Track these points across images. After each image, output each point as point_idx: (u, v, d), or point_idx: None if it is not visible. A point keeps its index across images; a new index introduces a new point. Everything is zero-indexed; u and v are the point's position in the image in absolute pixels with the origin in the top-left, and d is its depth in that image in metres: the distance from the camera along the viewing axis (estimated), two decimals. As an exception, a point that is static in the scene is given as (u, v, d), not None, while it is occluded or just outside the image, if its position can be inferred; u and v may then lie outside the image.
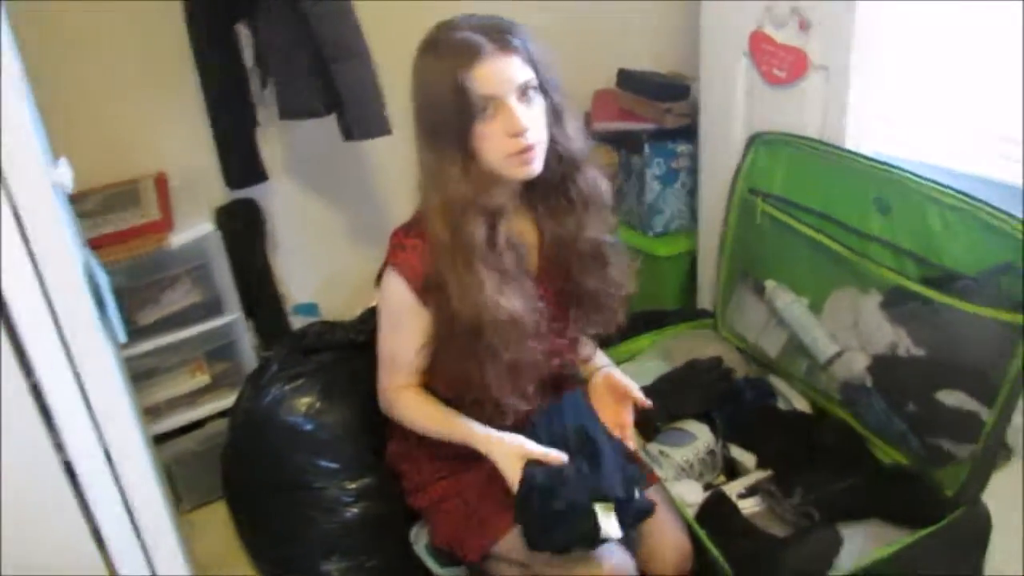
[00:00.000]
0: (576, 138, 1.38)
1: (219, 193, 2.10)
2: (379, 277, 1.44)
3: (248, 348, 2.04)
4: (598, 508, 1.27)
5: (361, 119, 1.90)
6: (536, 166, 1.30)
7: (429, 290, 1.35)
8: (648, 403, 1.46)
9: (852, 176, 1.70)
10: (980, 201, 1.47)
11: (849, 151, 1.74)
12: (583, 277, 1.43)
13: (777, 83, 1.86)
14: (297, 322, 2.26)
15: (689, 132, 2.23)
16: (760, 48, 1.87)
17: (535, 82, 1.28)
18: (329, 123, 1.94)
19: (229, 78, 1.95)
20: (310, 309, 2.32)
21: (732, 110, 2.00)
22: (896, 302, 1.62)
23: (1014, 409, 1.47)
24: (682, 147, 2.27)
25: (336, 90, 1.86)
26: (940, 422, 1.57)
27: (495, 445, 1.36)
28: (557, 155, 1.35)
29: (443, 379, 1.44)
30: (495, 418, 1.39)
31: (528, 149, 1.28)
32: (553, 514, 1.27)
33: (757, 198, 1.89)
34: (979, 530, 1.53)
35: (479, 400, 1.39)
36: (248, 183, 2.05)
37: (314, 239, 2.31)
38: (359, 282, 2.33)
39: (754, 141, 1.92)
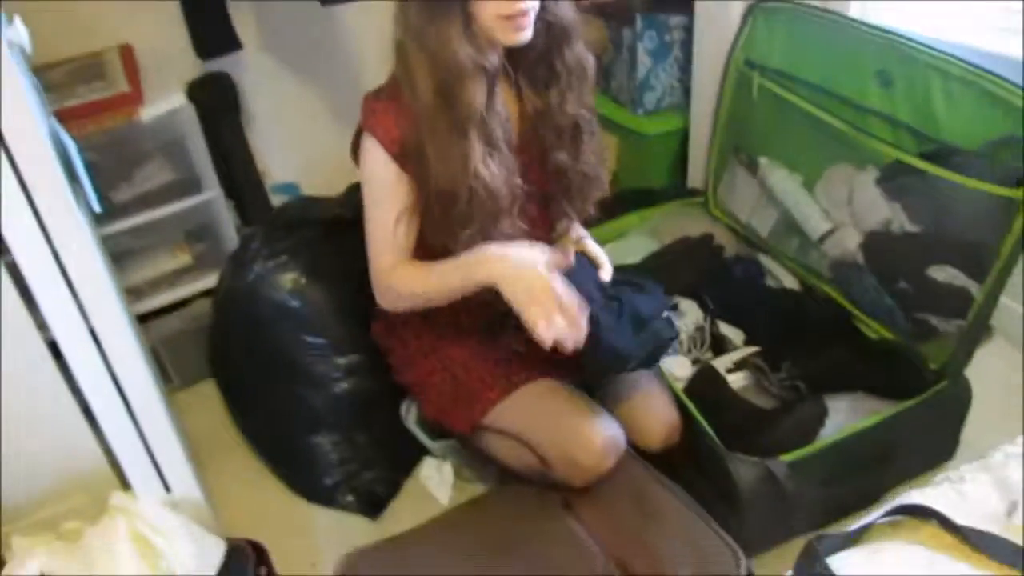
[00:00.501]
0: (567, 9, 1.32)
1: (190, 66, 2.00)
2: (354, 148, 1.39)
3: (230, 228, 1.99)
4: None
5: (340, -16, 1.80)
6: (528, 33, 1.26)
7: (406, 156, 1.30)
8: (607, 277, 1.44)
9: (855, 47, 1.63)
10: (987, 71, 1.42)
11: (853, 20, 1.67)
12: (557, 153, 1.39)
13: (779, -52, 1.77)
14: (278, 201, 2.20)
15: (683, 3, 2.12)
16: (762, -90, 1.77)
17: None
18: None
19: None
20: (290, 189, 2.26)
21: (730, -22, 1.91)
22: (892, 177, 1.59)
23: (1003, 287, 1.47)
24: (676, 19, 2.17)
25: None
26: (929, 298, 1.57)
27: (511, 260, 1.28)
28: (547, 24, 1.30)
29: (420, 258, 1.40)
30: (475, 308, 1.38)
31: (523, 14, 1.23)
32: (644, 336, 1.35)
33: (754, 72, 1.83)
34: (960, 403, 1.55)
35: None
36: (220, 52, 1.96)
37: (292, 115, 2.23)
38: (341, 160, 2.24)
39: (752, 11, 1.84)
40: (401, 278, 1.39)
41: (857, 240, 1.67)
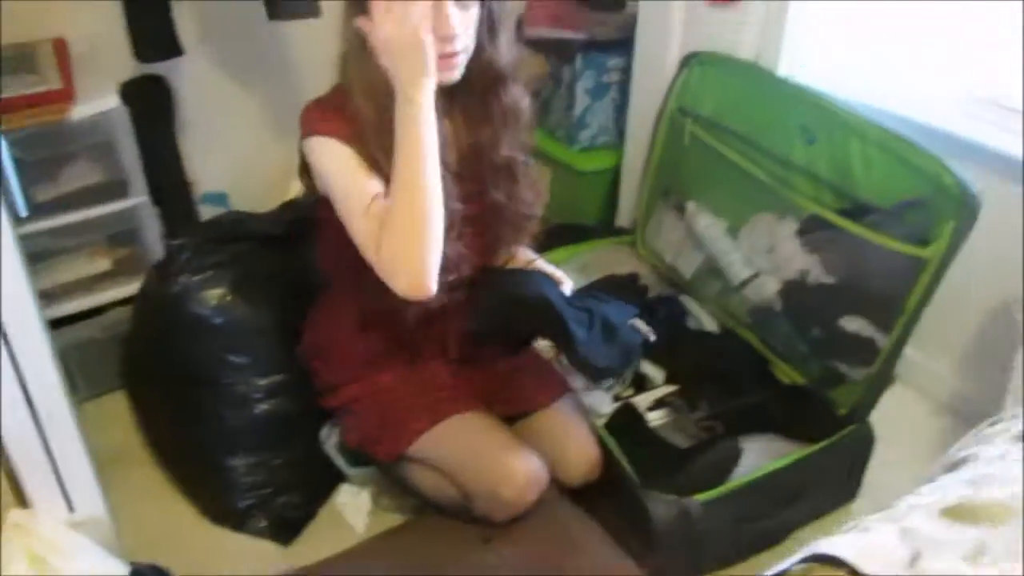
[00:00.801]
0: (507, 52, 1.34)
1: (126, 66, 1.95)
2: (303, 168, 1.37)
3: (154, 236, 1.95)
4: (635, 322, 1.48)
5: (287, -1, 1.80)
6: (456, 73, 1.27)
7: (361, 154, 1.28)
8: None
9: (781, 103, 1.72)
10: (903, 138, 1.51)
11: (781, 77, 1.75)
12: (493, 190, 1.41)
13: (716, 2, 1.85)
14: (206, 212, 2.16)
15: (623, 46, 2.19)
16: (703, -36, 1.85)
17: None
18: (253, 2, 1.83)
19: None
20: (220, 199, 2.22)
21: (669, 27, 1.98)
22: (811, 229, 1.67)
23: (908, 338, 1.56)
24: (614, 61, 2.24)
25: (261, -36, 1.75)
26: (840, 346, 1.65)
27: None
28: (483, 65, 1.31)
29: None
30: (404, 331, 1.41)
31: (452, 55, 1.24)
32: (611, 340, 1.41)
33: (686, 119, 1.90)
34: (864, 445, 1.63)
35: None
36: (161, 57, 1.91)
37: (227, 124, 2.19)
38: (274, 174, 2.24)
39: (689, 60, 1.91)
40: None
41: (776, 288, 1.74)
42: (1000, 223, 1.55)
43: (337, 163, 1.28)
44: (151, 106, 1.99)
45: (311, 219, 1.46)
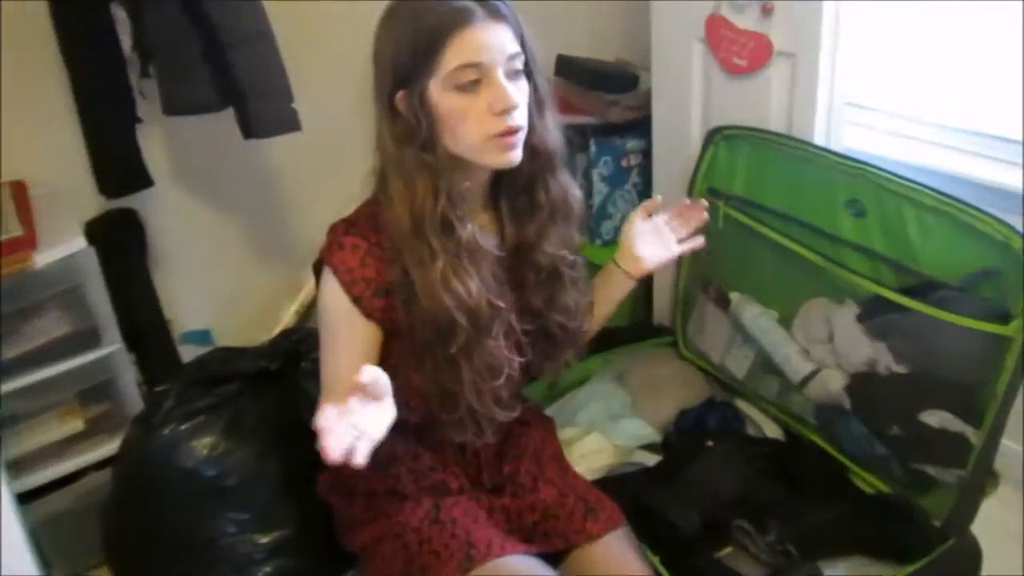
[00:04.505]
0: (555, 133, 1.43)
1: (92, 202, 2.08)
2: (316, 271, 1.46)
3: (131, 386, 2.02)
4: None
5: (264, 114, 1.92)
6: (517, 155, 1.35)
7: (375, 295, 1.38)
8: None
9: (822, 175, 1.80)
10: (960, 201, 1.58)
11: (818, 147, 1.84)
12: (533, 294, 1.49)
13: (738, 72, 1.96)
14: (188, 353, 2.24)
15: (639, 127, 2.31)
16: (718, 33, 1.97)
17: (522, 60, 1.34)
18: (225, 119, 1.96)
19: (103, 67, 1.94)
20: (203, 337, 2.31)
21: (687, 103, 2.09)
22: (874, 313, 1.72)
23: (1003, 430, 1.58)
24: (632, 143, 2.36)
25: (234, 79, 1.88)
26: (924, 445, 1.67)
27: None
28: (532, 149, 1.39)
29: (420, 399, 1.46)
30: (478, 433, 1.46)
31: (515, 131, 1.32)
32: None
33: (718, 200, 1.98)
34: (969, 562, 1.63)
35: (459, 419, 1.43)
36: (128, 190, 2.04)
37: (206, 256, 2.31)
38: (261, 304, 2.34)
39: (713, 137, 2.01)
40: None
41: (842, 382, 1.78)
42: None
43: (329, 309, 1.41)
44: (121, 243, 2.10)
45: (311, 346, 1.53)
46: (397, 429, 1.49)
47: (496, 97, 1.29)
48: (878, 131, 1.96)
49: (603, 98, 2.32)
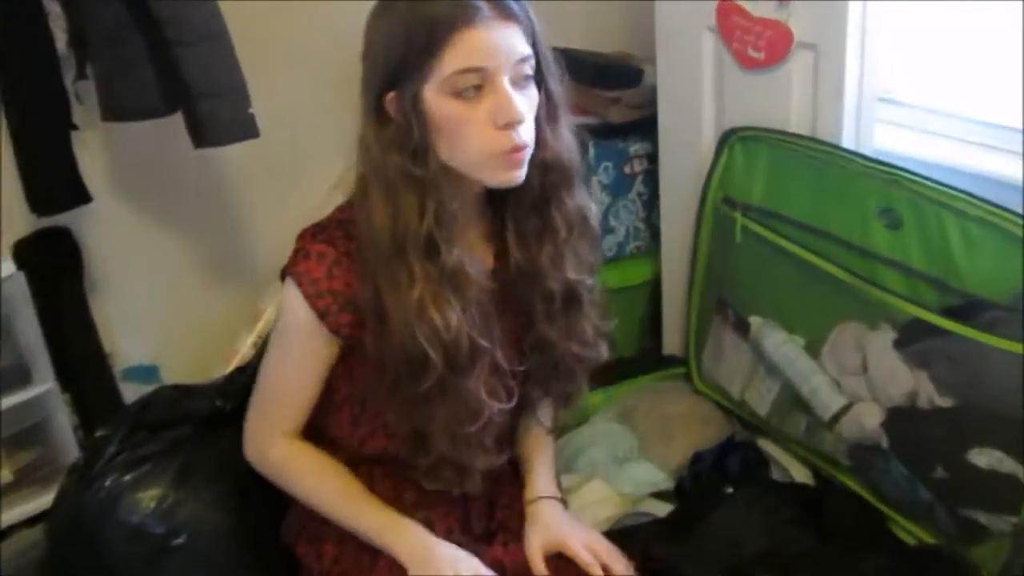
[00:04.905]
0: (570, 143, 1.44)
1: (20, 220, 2.08)
2: (283, 277, 1.48)
3: (66, 430, 2.02)
4: None
5: (217, 118, 1.94)
6: (521, 174, 1.35)
7: (340, 309, 1.39)
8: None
9: (852, 181, 1.80)
10: (1009, 210, 1.59)
11: (846, 150, 1.85)
12: (546, 325, 1.49)
13: (754, 66, 1.97)
14: (130, 391, 2.23)
15: (644, 128, 2.32)
16: (731, 22, 1.98)
17: (534, 64, 1.34)
18: (172, 124, 1.96)
19: (33, 67, 1.95)
20: (148, 373, 2.31)
21: (698, 100, 2.11)
22: (913, 339, 1.73)
23: (1061, 468, 1.59)
24: (636, 146, 2.37)
25: (182, 80, 1.89)
26: (973, 489, 1.68)
27: (433, 552, 1.44)
28: (544, 164, 1.40)
29: (389, 439, 1.49)
30: (457, 483, 1.47)
31: (521, 148, 1.32)
32: None
33: (735, 210, 1.99)
34: (1026, 622, 1.64)
35: (434, 464, 1.44)
36: (62, 207, 2.04)
37: (151, 280, 2.31)
38: (213, 335, 2.34)
39: (728, 139, 2.02)
40: (285, 460, 1.53)
41: (878, 418, 1.79)
42: None
43: (289, 319, 1.44)
44: (54, 267, 2.10)
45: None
46: (374, 463, 1.53)
47: (499, 107, 1.29)
48: (914, 130, 1.98)
49: (603, 96, 2.33)
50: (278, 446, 1.53)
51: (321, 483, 1.52)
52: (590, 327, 1.54)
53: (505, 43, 1.29)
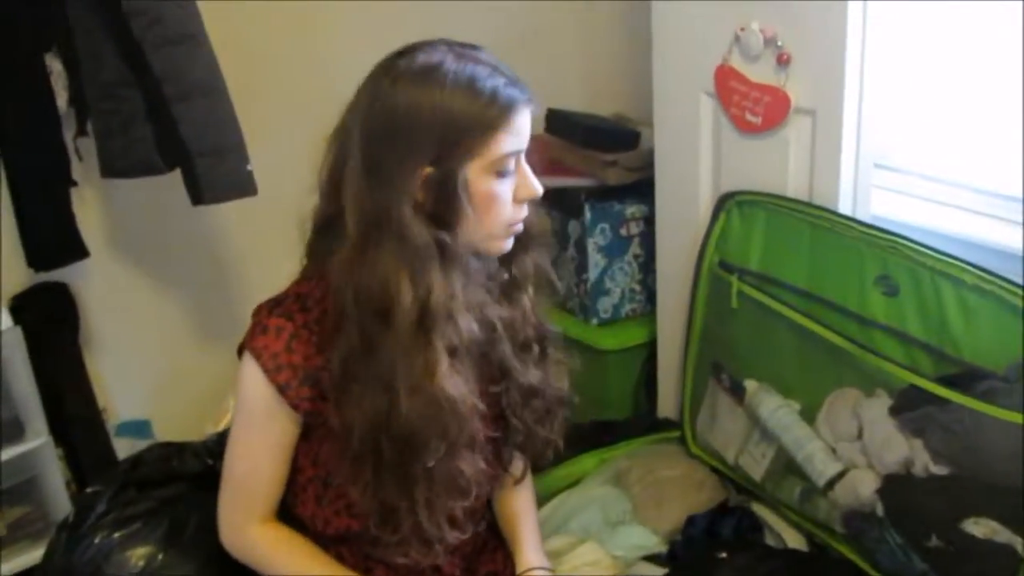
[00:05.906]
0: (536, 214, 1.47)
1: (17, 275, 2.08)
2: (240, 354, 1.46)
3: (58, 486, 2.01)
4: None
5: (215, 176, 1.94)
6: (509, 244, 1.41)
7: (301, 384, 1.38)
8: None
9: (848, 247, 1.81)
10: (1007, 280, 1.59)
11: (843, 216, 1.86)
12: (525, 369, 1.50)
13: (751, 131, 1.98)
14: (123, 446, 2.23)
15: (641, 190, 2.33)
16: (728, 86, 2.00)
17: None
18: (169, 181, 1.97)
19: (35, 124, 1.97)
20: (141, 428, 2.30)
21: (695, 164, 2.12)
22: (909, 406, 1.72)
23: (1058, 539, 1.58)
24: (632, 209, 2.38)
25: (180, 137, 1.90)
26: (968, 559, 1.66)
27: None
28: (527, 223, 1.44)
29: (352, 519, 1.47)
30: (424, 556, 1.44)
31: (520, 223, 1.39)
32: None
33: (731, 275, 1.99)
34: None
35: (402, 539, 1.42)
36: (60, 262, 2.05)
37: (145, 336, 2.31)
38: (206, 392, 2.33)
39: (724, 203, 2.03)
40: (257, 546, 1.51)
41: (873, 485, 1.77)
42: None
43: (248, 397, 1.43)
44: (50, 322, 2.10)
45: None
46: (339, 542, 1.51)
47: (525, 185, 1.35)
48: (912, 197, 1.99)
49: (600, 158, 2.35)
50: (251, 533, 1.51)
51: (295, 566, 1.49)
52: (557, 370, 1.58)
53: (528, 125, 1.35)
